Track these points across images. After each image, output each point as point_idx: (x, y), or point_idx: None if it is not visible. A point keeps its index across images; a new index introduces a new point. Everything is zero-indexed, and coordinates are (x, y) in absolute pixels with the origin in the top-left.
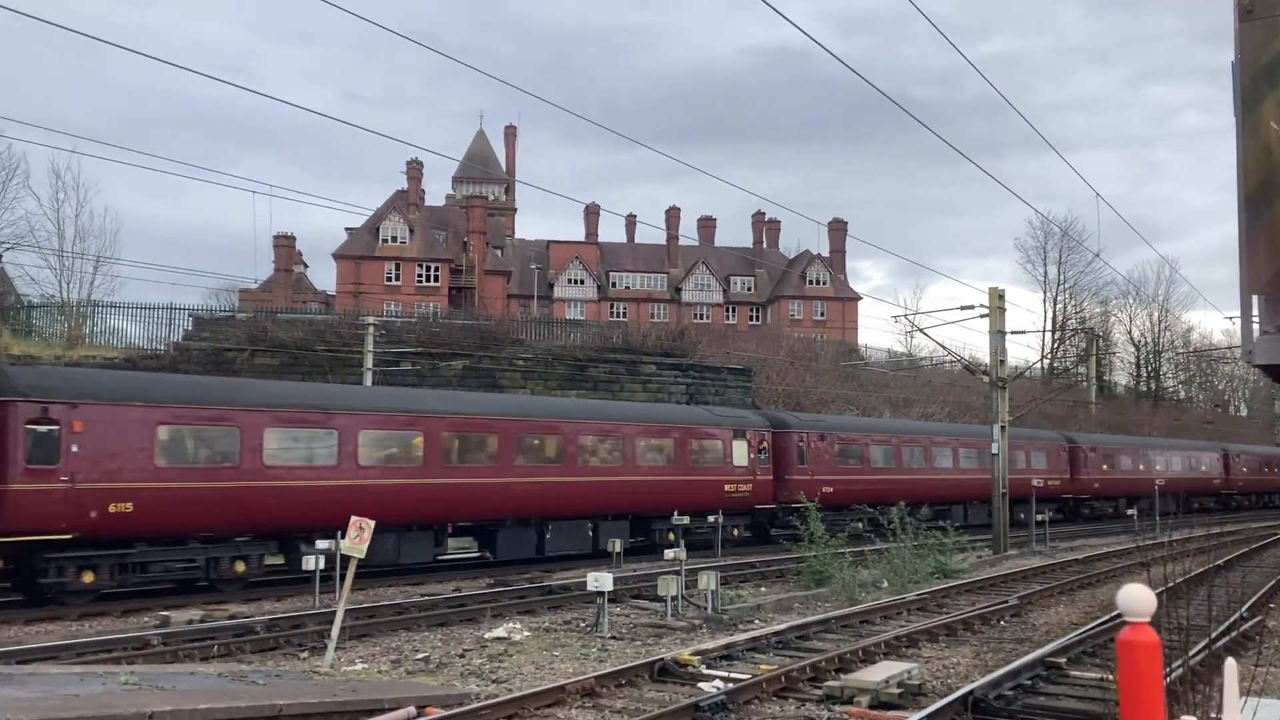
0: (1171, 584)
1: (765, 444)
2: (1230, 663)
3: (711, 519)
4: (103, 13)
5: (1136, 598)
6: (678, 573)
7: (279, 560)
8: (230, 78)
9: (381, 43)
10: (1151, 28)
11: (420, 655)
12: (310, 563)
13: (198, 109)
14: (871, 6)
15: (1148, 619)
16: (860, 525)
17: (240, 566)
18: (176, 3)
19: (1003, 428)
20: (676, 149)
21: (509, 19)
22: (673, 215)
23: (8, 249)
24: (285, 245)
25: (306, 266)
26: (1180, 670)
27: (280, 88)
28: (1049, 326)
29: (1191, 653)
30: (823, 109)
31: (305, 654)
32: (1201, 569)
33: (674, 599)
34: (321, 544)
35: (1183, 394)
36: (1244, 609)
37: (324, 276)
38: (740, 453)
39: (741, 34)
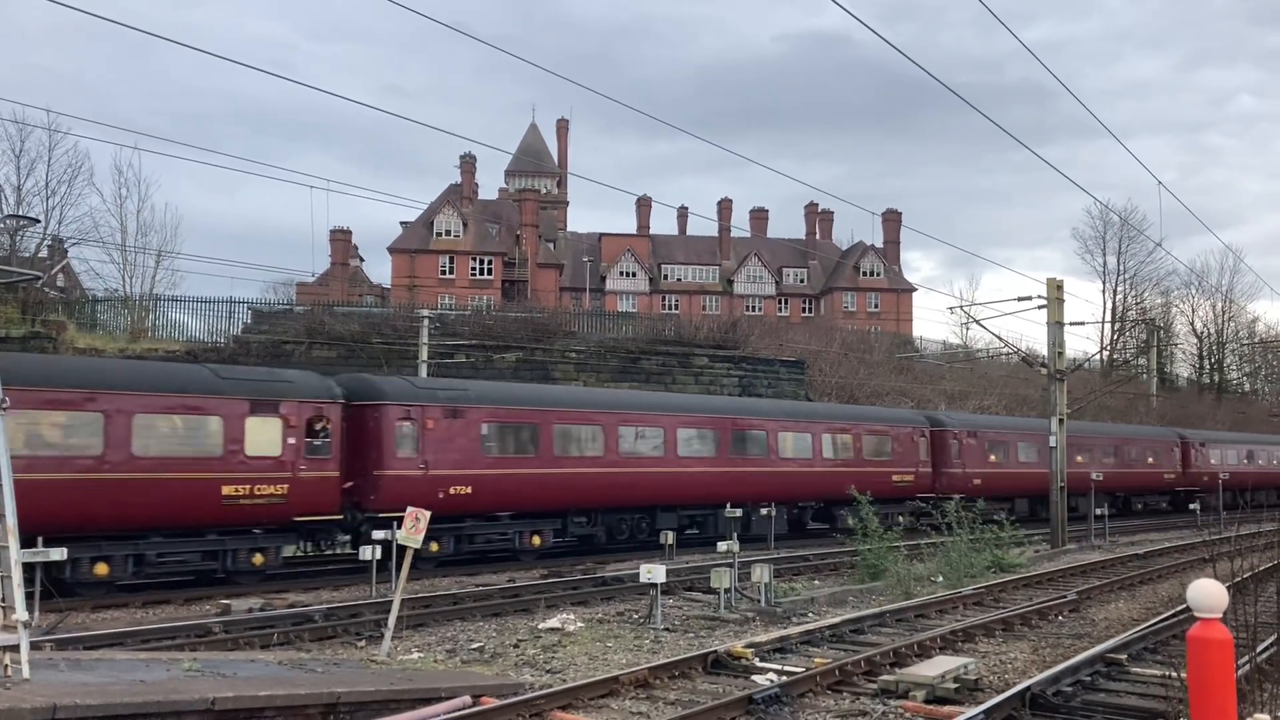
0: (1238, 579)
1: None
2: None
3: (765, 511)
4: (144, 11)
5: (1208, 593)
6: (730, 565)
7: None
8: (264, 71)
9: (421, 37)
10: (1203, 10)
11: (475, 645)
12: (366, 553)
13: (245, 105)
14: None
15: (1219, 615)
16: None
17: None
18: (217, 1)
19: (1060, 420)
20: (717, 140)
21: (547, 13)
22: (724, 207)
23: (73, 244)
24: (342, 239)
25: (362, 260)
26: (1247, 667)
27: (320, 82)
28: (1108, 318)
29: (1259, 649)
30: (864, 96)
31: (362, 643)
32: (1269, 565)
33: (727, 591)
34: (378, 534)
35: (1247, 386)
36: None
37: (379, 270)
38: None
39: (779, 21)
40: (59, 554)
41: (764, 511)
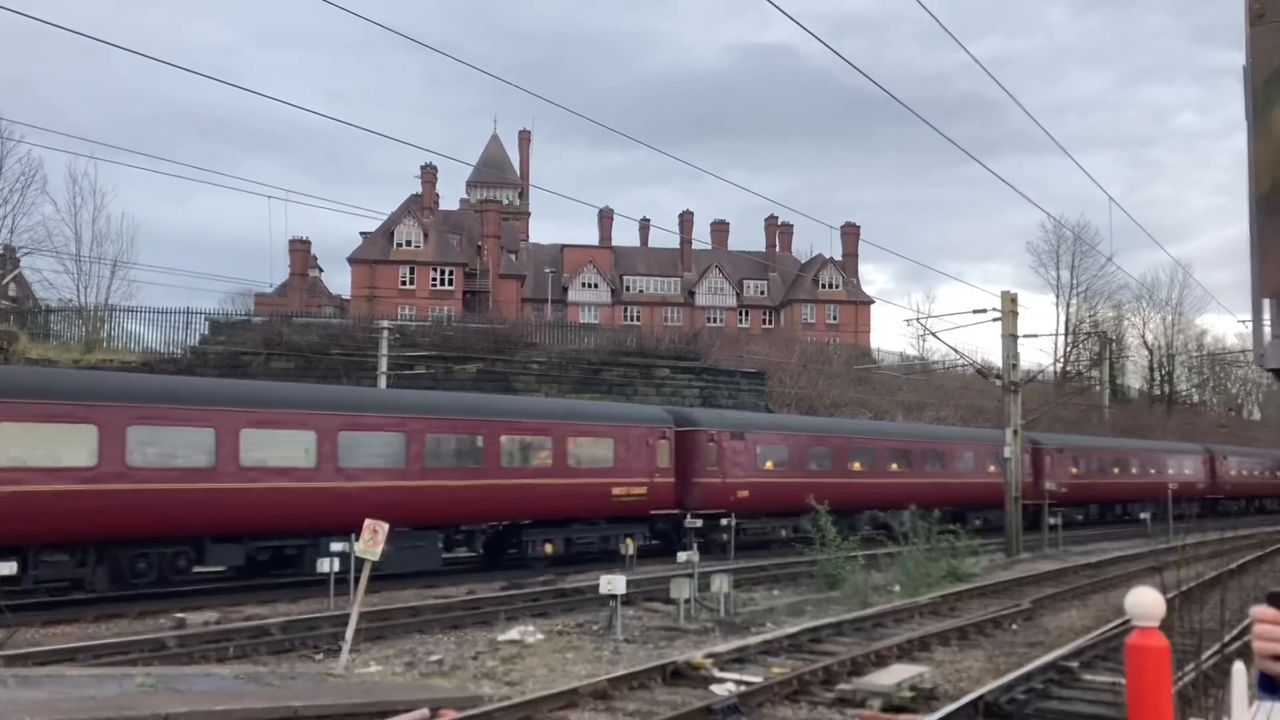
0: (1185, 588)
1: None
2: (1238, 667)
3: (725, 521)
4: (83, 14)
5: (1144, 602)
6: (690, 575)
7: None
8: (214, 79)
9: (365, 44)
10: (1142, 27)
11: (434, 657)
12: (324, 565)
13: (190, 112)
14: (856, 9)
15: (1156, 623)
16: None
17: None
18: (162, 4)
19: (1015, 431)
20: (668, 152)
21: (493, 23)
22: (686, 219)
23: (26, 253)
24: (301, 250)
25: (321, 271)
26: (1193, 674)
27: (264, 89)
28: (1062, 330)
29: (1204, 657)
30: (812, 108)
31: (320, 656)
32: (1214, 573)
33: (687, 602)
34: (336, 546)
35: (1196, 398)
36: None
37: (338, 280)
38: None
39: (726, 34)
40: (8, 568)
41: None
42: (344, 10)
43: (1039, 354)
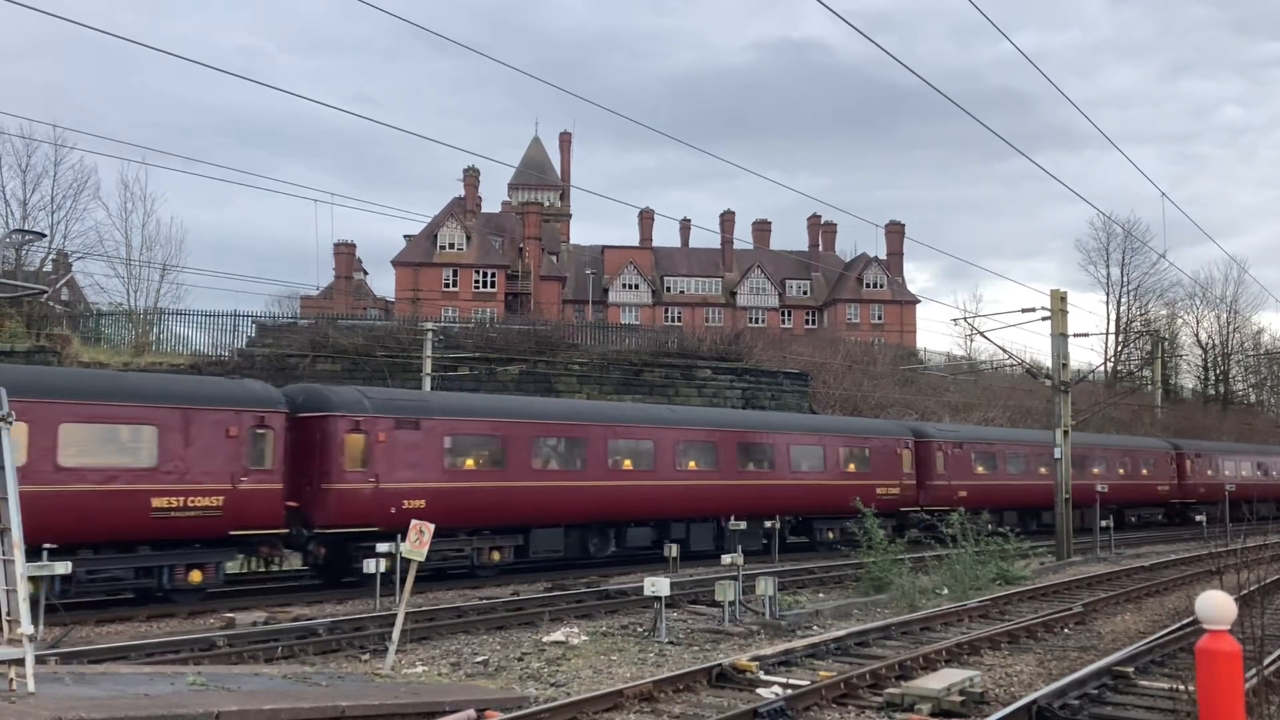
0: (1245, 591)
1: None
2: None
3: (769, 524)
4: (124, 24)
5: (1216, 605)
6: (735, 578)
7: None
8: (250, 80)
9: (390, 49)
10: (1183, 20)
11: (479, 658)
12: (370, 566)
13: (225, 118)
14: (887, 6)
15: (1228, 627)
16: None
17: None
18: (190, 13)
19: (1065, 432)
20: (695, 151)
21: (517, 26)
22: (727, 219)
23: (78, 258)
24: (346, 252)
25: (366, 273)
26: (1255, 680)
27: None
28: (1112, 329)
29: (1266, 661)
30: (841, 103)
31: (366, 656)
32: (1276, 577)
33: (731, 604)
34: (382, 547)
35: (1253, 398)
36: None
37: (383, 283)
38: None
39: (752, 30)
40: (63, 568)
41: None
42: (374, 8)
43: (1090, 353)
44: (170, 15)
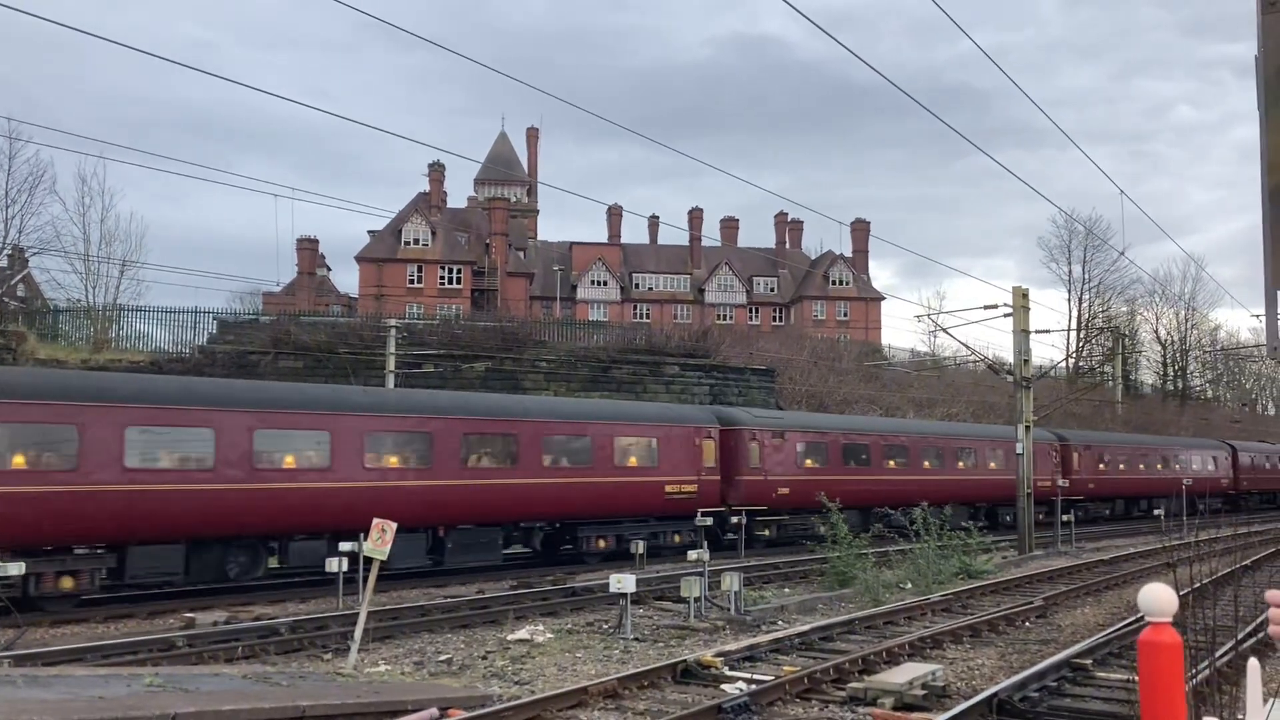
0: (1198, 584)
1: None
2: (1253, 663)
3: (735, 520)
4: (71, 15)
5: (1157, 597)
6: (701, 574)
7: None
8: (207, 73)
9: (348, 43)
10: (1134, 21)
11: (443, 657)
12: (333, 565)
13: (180, 113)
14: (846, 4)
15: (1169, 619)
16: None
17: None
18: (140, 4)
19: (1027, 427)
20: (660, 147)
21: (477, 22)
22: (695, 216)
23: (34, 253)
24: (308, 248)
25: (329, 269)
26: (1207, 671)
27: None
28: (1074, 326)
29: (1218, 654)
30: (801, 100)
31: (329, 655)
32: (1228, 569)
33: (697, 600)
34: (345, 546)
35: (1210, 393)
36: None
37: (346, 279)
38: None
39: (712, 27)
40: (17, 568)
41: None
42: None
43: (1052, 349)
44: (117, 6)
